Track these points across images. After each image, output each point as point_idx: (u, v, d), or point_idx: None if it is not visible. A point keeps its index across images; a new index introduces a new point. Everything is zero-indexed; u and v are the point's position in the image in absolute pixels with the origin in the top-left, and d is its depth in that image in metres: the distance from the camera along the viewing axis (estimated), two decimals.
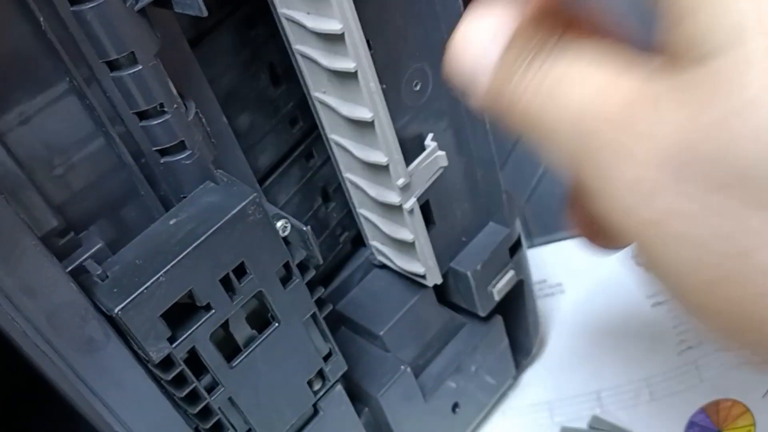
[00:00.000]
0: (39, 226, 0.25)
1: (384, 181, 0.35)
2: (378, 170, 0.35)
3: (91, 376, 0.27)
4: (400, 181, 0.34)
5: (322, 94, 0.33)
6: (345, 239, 0.43)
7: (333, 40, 0.30)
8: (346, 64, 0.30)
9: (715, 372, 0.48)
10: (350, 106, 0.33)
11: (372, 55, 0.32)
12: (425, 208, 0.39)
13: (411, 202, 0.36)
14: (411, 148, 0.36)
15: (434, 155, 0.36)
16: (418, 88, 0.35)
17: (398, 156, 0.34)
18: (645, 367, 0.49)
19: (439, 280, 0.40)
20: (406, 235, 0.37)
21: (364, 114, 0.32)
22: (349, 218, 0.42)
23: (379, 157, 0.34)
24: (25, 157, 0.25)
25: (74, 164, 0.27)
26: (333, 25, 0.29)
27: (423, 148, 0.36)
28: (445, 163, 0.37)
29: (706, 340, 0.48)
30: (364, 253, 0.43)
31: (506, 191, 0.42)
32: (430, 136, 0.36)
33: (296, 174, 0.39)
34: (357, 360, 0.41)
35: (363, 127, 0.33)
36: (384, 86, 0.32)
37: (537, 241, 0.59)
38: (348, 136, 0.35)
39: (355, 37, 0.29)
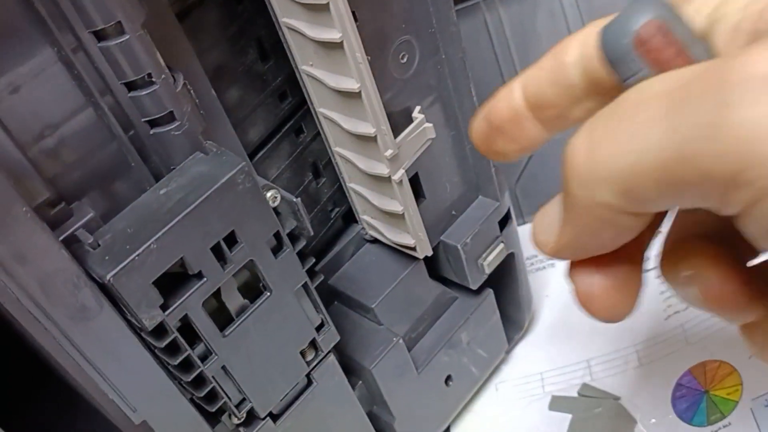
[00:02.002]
0: (30, 196, 0.25)
1: (372, 153, 0.35)
2: (366, 142, 0.35)
3: (85, 344, 0.27)
4: (388, 152, 0.35)
5: (310, 67, 0.34)
6: (336, 215, 0.43)
7: (318, 10, 0.30)
8: (332, 35, 0.31)
9: (702, 335, 0.48)
10: (337, 77, 0.33)
11: (358, 27, 0.32)
12: (414, 182, 0.39)
13: (399, 174, 0.36)
14: (399, 121, 0.36)
15: (422, 127, 0.36)
16: (404, 60, 0.36)
17: (386, 127, 0.34)
18: (633, 334, 0.50)
19: (429, 252, 0.41)
20: (395, 206, 0.37)
21: (351, 85, 0.32)
22: (340, 194, 0.42)
23: (366, 129, 0.34)
24: (16, 128, 0.25)
25: (64, 135, 0.27)
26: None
27: (411, 121, 0.37)
28: (432, 135, 0.37)
29: None
30: (356, 229, 0.44)
31: (495, 165, 0.43)
32: (418, 108, 0.37)
33: (286, 149, 0.39)
34: (350, 333, 0.42)
35: (350, 98, 0.33)
36: (370, 57, 0.32)
37: (528, 218, 0.60)
38: (336, 109, 0.35)
39: (340, 6, 0.30)
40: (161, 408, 0.31)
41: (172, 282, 0.28)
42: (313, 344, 0.35)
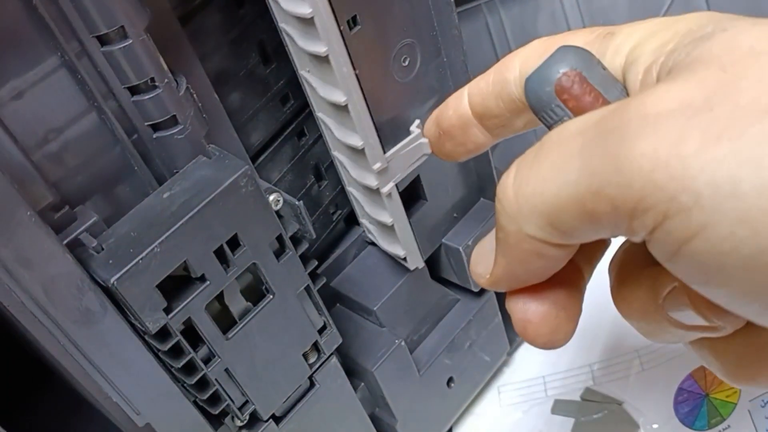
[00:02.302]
0: (34, 200, 0.26)
1: (363, 164, 0.36)
2: (357, 152, 0.35)
3: (89, 347, 0.27)
4: (376, 166, 0.35)
5: (306, 73, 0.34)
6: (338, 217, 0.44)
7: (305, 22, 0.30)
8: (318, 48, 0.31)
9: None
10: (327, 88, 0.33)
11: (359, 31, 0.32)
12: (416, 184, 0.39)
13: (389, 187, 0.36)
14: (398, 127, 0.36)
15: (417, 142, 0.36)
16: (406, 63, 0.36)
17: (374, 141, 0.34)
18: (635, 339, 0.50)
19: (420, 264, 0.41)
20: (385, 218, 0.37)
21: (338, 97, 0.32)
22: (342, 196, 0.42)
23: (355, 141, 0.34)
24: (20, 133, 0.25)
25: (68, 140, 0.27)
26: (303, 9, 0.29)
27: (409, 131, 0.36)
28: (429, 150, 0.37)
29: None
30: (358, 231, 0.44)
31: (497, 168, 0.43)
32: (416, 122, 0.36)
33: (288, 152, 0.39)
34: (353, 336, 0.42)
35: (339, 109, 0.33)
36: (357, 71, 0.32)
37: None
38: (330, 116, 0.35)
39: (326, 20, 0.30)
40: (165, 411, 0.31)
41: (176, 285, 0.29)
42: (316, 346, 0.35)
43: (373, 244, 0.44)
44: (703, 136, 0.15)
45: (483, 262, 0.23)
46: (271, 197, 0.30)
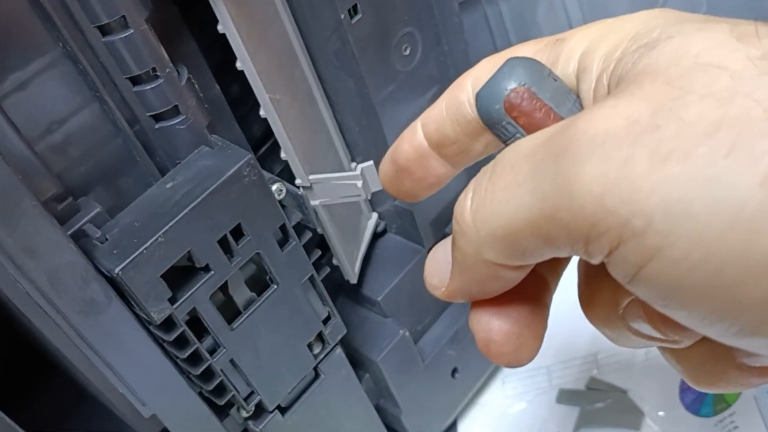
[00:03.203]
0: (39, 191, 0.26)
1: None
2: None
3: (94, 338, 0.27)
4: (298, 181, 0.35)
5: None
6: None
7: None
8: (238, 63, 0.31)
9: None
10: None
11: (360, 20, 0.32)
12: None
13: (315, 203, 0.36)
14: (328, 159, 0.36)
15: (349, 182, 0.35)
16: (407, 52, 0.36)
17: (295, 158, 0.34)
18: None
19: (352, 279, 0.40)
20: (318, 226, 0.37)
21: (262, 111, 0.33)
22: None
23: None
24: (23, 124, 0.25)
25: (71, 131, 0.27)
26: (220, 26, 0.30)
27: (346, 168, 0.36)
28: (362, 194, 0.35)
29: None
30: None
31: None
32: (353, 164, 0.36)
33: None
34: (357, 327, 0.42)
35: None
36: (278, 97, 0.32)
37: None
38: None
39: (237, 40, 0.30)
40: (170, 401, 0.31)
41: (180, 275, 0.29)
42: (320, 337, 0.35)
43: (379, 234, 0.44)
44: (651, 156, 0.15)
45: (438, 274, 0.22)
46: (274, 187, 0.30)
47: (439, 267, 0.22)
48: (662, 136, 0.15)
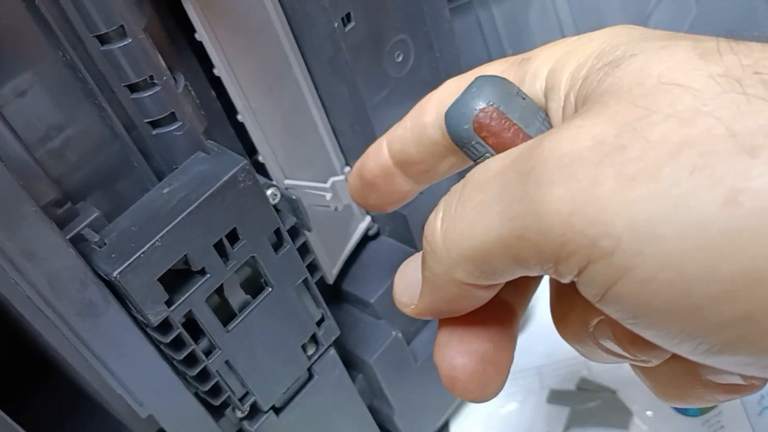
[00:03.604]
0: (38, 196, 0.26)
1: None
2: None
3: (93, 340, 0.28)
4: (273, 180, 0.36)
5: None
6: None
7: None
8: (215, 70, 0.32)
9: None
10: None
11: (353, 28, 0.33)
12: None
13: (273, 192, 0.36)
14: (304, 167, 0.37)
15: (323, 193, 0.35)
16: (400, 59, 0.36)
17: (270, 162, 0.35)
18: None
19: (328, 280, 0.41)
20: None
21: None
22: None
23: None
24: (23, 130, 0.26)
25: (69, 136, 0.28)
26: (197, 34, 0.31)
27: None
28: (331, 207, 0.36)
29: None
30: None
31: None
32: (330, 180, 0.36)
33: None
34: (350, 328, 0.42)
35: None
36: (255, 105, 0.33)
37: None
38: None
39: (211, 49, 0.31)
40: (167, 402, 0.31)
41: (177, 278, 0.29)
42: (314, 338, 0.36)
43: (372, 237, 0.44)
44: (617, 177, 0.15)
45: (407, 292, 0.22)
46: (269, 191, 0.31)
47: (408, 285, 0.22)
48: (628, 157, 0.15)
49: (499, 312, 0.22)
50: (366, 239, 0.45)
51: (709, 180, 0.14)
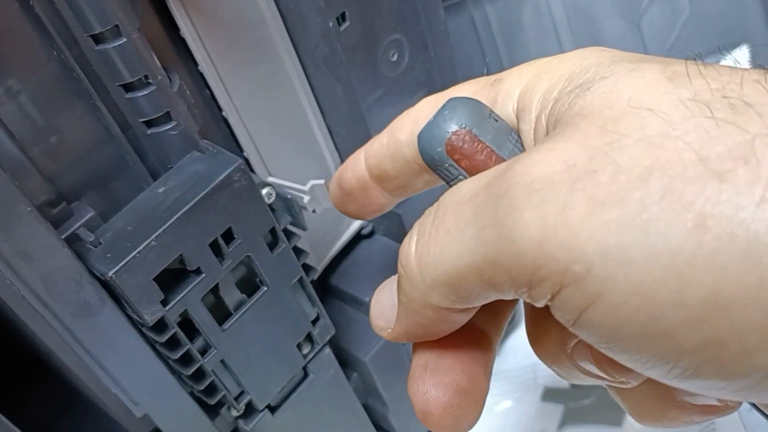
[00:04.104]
0: (33, 196, 0.26)
1: None
2: None
3: (88, 340, 0.28)
4: (256, 175, 0.35)
5: None
6: None
7: None
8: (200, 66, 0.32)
9: None
10: None
11: (348, 28, 0.33)
12: None
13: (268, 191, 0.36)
14: (288, 168, 0.37)
15: (303, 195, 0.35)
16: (395, 58, 0.37)
17: (253, 159, 0.35)
18: None
19: (313, 275, 0.41)
20: None
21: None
22: None
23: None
24: (18, 130, 0.26)
25: (64, 136, 0.28)
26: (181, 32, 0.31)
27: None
28: (315, 207, 0.36)
29: None
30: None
31: None
32: (309, 183, 0.36)
33: None
34: (345, 327, 0.42)
35: None
36: (237, 102, 0.34)
37: None
38: None
39: (193, 45, 0.31)
40: (162, 401, 0.31)
41: (172, 278, 0.29)
42: (309, 337, 0.36)
43: (366, 236, 0.45)
44: (588, 201, 0.15)
45: (383, 316, 0.22)
46: (264, 191, 0.31)
47: (384, 309, 0.22)
48: (598, 181, 0.15)
49: (474, 342, 0.22)
50: (361, 238, 0.45)
51: (678, 205, 0.14)
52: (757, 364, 0.14)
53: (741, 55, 0.60)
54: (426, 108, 0.23)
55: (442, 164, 0.20)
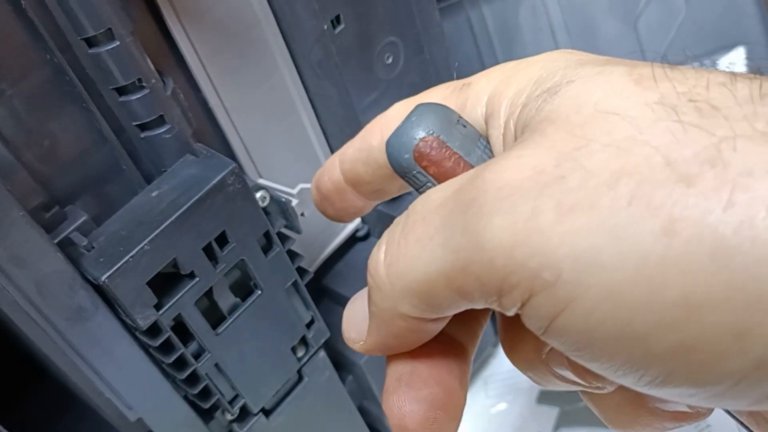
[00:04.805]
0: (25, 200, 0.26)
1: None
2: None
3: (82, 344, 0.28)
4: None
5: None
6: None
7: None
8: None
9: None
10: None
11: (343, 30, 0.33)
12: None
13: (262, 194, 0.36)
14: (277, 170, 0.37)
15: (292, 198, 0.35)
16: (390, 61, 0.37)
17: (245, 156, 0.35)
18: None
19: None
20: None
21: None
22: None
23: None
24: (10, 134, 0.26)
25: (57, 140, 0.28)
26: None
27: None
28: (303, 210, 0.36)
29: None
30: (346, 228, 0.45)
31: None
32: (298, 186, 0.36)
33: None
34: (340, 330, 0.42)
35: None
36: (227, 104, 0.33)
37: None
38: None
39: (183, 48, 0.31)
40: (156, 405, 0.31)
41: (166, 282, 0.29)
42: (304, 341, 0.36)
43: (360, 239, 0.44)
44: (557, 207, 0.15)
45: (355, 328, 0.22)
46: (258, 194, 0.31)
47: (356, 321, 0.22)
48: (567, 187, 0.15)
49: (449, 353, 0.21)
50: (356, 240, 0.45)
51: (647, 210, 0.14)
52: (727, 371, 0.14)
53: (737, 56, 0.60)
54: (396, 113, 0.23)
55: (410, 171, 0.20)
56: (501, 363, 0.54)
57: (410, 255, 0.18)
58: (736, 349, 0.14)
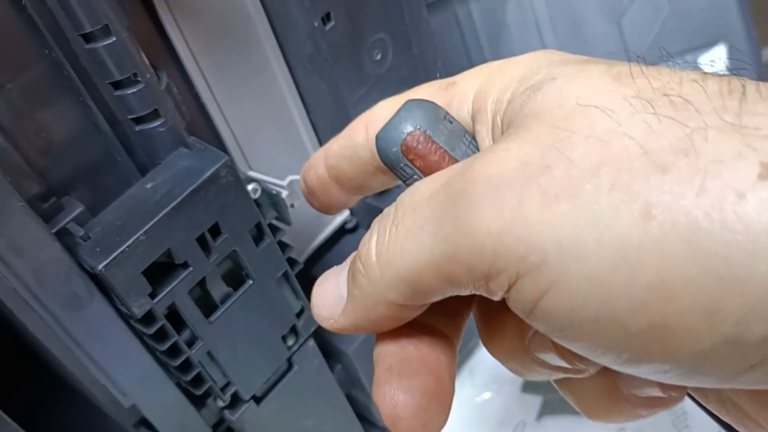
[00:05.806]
0: (24, 191, 0.27)
1: None
2: None
3: (78, 332, 0.28)
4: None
5: None
6: None
7: None
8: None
9: None
10: None
11: (333, 27, 0.34)
12: None
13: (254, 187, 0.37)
14: (267, 160, 0.37)
15: (282, 191, 0.36)
16: (378, 57, 0.37)
17: (236, 148, 0.36)
18: None
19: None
20: None
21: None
22: None
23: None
24: (9, 126, 0.27)
25: (54, 133, 0.28)
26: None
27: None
28: (293, 202, 0.37)
29: None
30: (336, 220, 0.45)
31: None
32: (288, 178, 0.37)
33: None
34: None
35: None
36: (219, 97, 0.34)
37: None
38: None
39: (177, 46, 0.32)
40: (150, 392, 0.32)
41: (160, 271, 0.30)
42: (294, 330, 0.37)
43: (350, 231, 0.45)
44: (542, 195, 0.16)
45: (327, 306, 0.22)
46: (250, 186, 0.32)
47: (329, 300, 0.22)
48: (552, 177, 0.16)
49: (437, 344, 0.22)
50: (345, 232, 0.46)
51: (626, 196, 0.15)
52: (699, 347, 0.15)
53: (719, 53, 0.61)
54: (380, 112, 0.24)
55: (398, 164, 0.21)
56: (486, 354, 0.55)
57: (401, 245, 0.19)
58: (707, 327, 0.15)
